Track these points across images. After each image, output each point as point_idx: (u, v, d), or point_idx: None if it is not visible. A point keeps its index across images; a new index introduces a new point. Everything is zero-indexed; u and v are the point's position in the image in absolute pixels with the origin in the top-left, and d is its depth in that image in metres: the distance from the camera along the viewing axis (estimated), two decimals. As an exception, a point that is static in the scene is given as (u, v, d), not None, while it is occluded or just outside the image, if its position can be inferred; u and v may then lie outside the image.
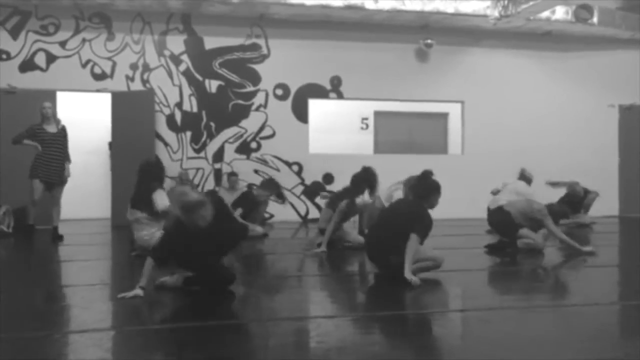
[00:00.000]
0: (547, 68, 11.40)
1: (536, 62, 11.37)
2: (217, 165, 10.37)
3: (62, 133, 7.66)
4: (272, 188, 8.55)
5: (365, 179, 6.94)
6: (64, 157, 7.66)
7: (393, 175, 7.53)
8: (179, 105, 10.26)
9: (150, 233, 5.99)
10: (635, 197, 11.04)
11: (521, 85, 11.32)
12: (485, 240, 7.21)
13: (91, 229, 9.20)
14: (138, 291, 4.27)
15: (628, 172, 11.53)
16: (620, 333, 3.74)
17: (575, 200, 9.22)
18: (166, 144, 10.17)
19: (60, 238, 7.56)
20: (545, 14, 10.37)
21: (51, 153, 7.51)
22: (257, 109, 10.51)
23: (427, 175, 5.02)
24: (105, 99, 10.06)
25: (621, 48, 11.65)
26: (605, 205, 10.41)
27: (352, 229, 7.17)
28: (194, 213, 4.27)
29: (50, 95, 8.98)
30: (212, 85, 10.37)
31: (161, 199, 6.05)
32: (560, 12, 10.54)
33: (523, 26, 10.78)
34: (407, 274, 4.58)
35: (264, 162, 10.50)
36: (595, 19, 10.67)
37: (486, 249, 6.62)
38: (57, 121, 7.73)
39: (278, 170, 10.46)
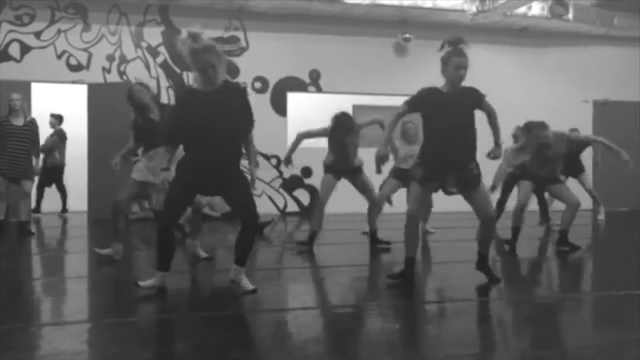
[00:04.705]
0: (523, 63, 11.53)
1: (513, 57, 11.49)
2: (195, 158, 10.30)
3: (30, 127, 7.37)
4: None
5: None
6: (30, 151, 7.36)
7: (372, 168, 7.54)
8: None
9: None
10: (607, 190, 11.21)
11: (498, 80, 11.39)
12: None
13: (68, 222, 9.10)
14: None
15: (601, 167, 11.69)
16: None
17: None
18: (143, 137, 10.07)
19: (30, 233, 7.32)
20: (521, 9, 10.48)
21: (15, 147, 7.23)
22: (235, 102, 10.45)
23: None
24: (82, 91, 9.94)
25: (595, 44, 11.83)
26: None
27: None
28: (203, 54, 3.87)
29: (24, 87, 8.81)
30: (191, 77, 10.30)
31: None
32: (537, 8, 10.66)
33: (500, 21, 10.88)
34: None
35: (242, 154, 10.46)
36: (570, 15, 10.81)
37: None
38: (25, 114, 7.42)
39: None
